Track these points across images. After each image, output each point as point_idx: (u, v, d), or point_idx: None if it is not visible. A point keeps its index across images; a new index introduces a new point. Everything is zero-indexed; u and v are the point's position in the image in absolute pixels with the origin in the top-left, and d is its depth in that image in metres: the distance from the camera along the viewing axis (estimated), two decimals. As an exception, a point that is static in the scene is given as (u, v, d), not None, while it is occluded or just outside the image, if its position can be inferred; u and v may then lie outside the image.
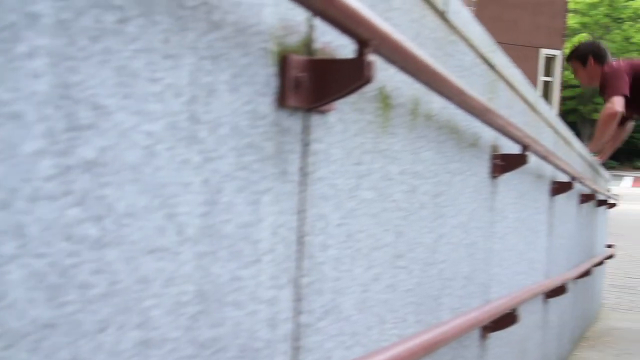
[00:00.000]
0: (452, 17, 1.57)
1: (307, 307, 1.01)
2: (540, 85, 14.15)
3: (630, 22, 34.06)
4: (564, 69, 14.64)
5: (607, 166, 29.77)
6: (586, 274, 4.47)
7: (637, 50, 33.89)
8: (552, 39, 13.89)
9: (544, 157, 2.49)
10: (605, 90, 4.64)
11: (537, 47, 14.07)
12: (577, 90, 34.24)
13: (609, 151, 5.37)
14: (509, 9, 13.29)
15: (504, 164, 2.09)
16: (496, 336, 2.23)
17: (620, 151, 38.48)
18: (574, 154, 3.96)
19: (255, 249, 0.87)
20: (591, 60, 4.80)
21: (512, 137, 1.95)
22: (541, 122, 2.86)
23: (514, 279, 2.51)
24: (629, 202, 20.01)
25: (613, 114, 4.54)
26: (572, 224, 4.07)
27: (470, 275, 1.91)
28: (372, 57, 0.94)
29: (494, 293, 2.20)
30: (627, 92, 4.54)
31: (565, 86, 33.56)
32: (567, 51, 5.38)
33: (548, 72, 14.25)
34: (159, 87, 0.68)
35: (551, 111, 3.05)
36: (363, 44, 0.92)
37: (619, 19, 34.55)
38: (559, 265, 3.63)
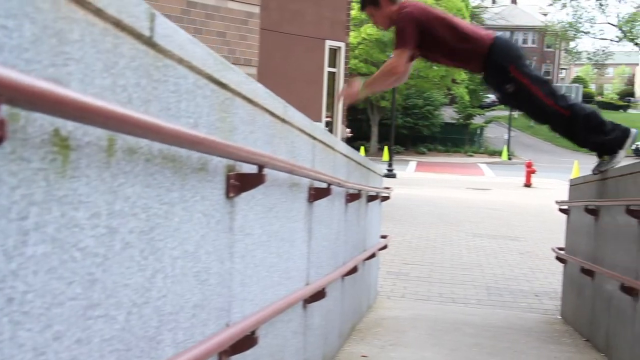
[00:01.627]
0: (161, 41, 1.48)
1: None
2: (325, 76, 14.57)
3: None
4: (348, 59, 15.18)
5: (394, 151, 31.21)
6: (354, 271, 4.63)
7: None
8: (336, 31, 14.33)
9: (289, 171, 2.49)
10: (395, 37, 4.64)
11: (323, 39, 14.44)
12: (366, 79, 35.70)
13: (376, 89, 5.28)
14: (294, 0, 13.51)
15: (240, 184, 2.05)
16: (240, 356, 2.19)
17: (406, 137, 41.05)
18: (338, 156, 4.05)
19: None
20: (384, 1, 4.69)
21: (243, 159, 1.91)
22: (294, 131, 2.86)
23: (263, 294, 2.49)
24: (412, 187, 21.27)
25: (391, 71, 4.59)
26: (338, 225, 4.17)
27: (201, 303, 1.85)
28: (3, 114, 0.83)
29: (236, 314, 2.17)
30: (411, 44, 4.56)
31: (351, 76, 34.93)
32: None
33: (333, 63, 14.72)
34: None
35: (306, 119, 3.08)
36: (-13, 100, 0.81)
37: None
38: (323, 267, 3.71)
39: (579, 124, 4.54)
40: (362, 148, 33.50)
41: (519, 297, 7.48)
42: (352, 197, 4.56)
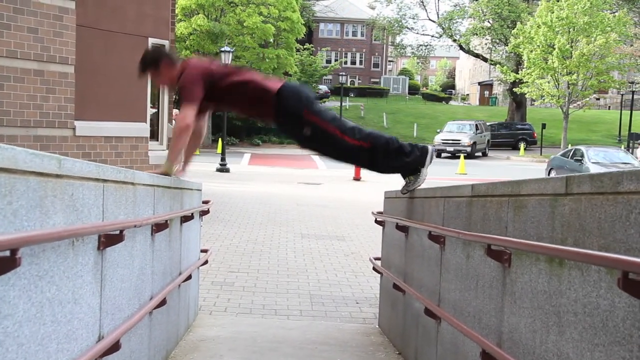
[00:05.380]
0: None
1: None
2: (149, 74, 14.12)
3: (243, 7, 35.89)
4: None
5: (229, 143, 31.12)
6: (164, 303, 4.44)
7: (249, 33, 35.89)
8: (159, 29, 13.94)
9: (56, 239, 2.27)
10: (180, 95, 4.64)
11: (145, 37, 14.00)
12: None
13: (189, 158, 5.28)
14: (114, -5, 12.96)
15: (-11, 271, 1.82)
16: None
17: (240, 129, 40.88)
18: (139, 188, 3.83)
19: None
20: (163, 63, 4.74)
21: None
22: (75, 182, 2.64)
23: (34, 371, 2.26)
24: (245, 183, 21.17)
25: (184, 128, 4.54)
26: (143, 260, 3.96)
27: None
28: None
29: (-8, 410, 1.94)
30: (197, 99, 4.58)
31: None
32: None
33: (158, 61, 14.26)
34: None
35: (91, 164, 2.85)
36: None
37: (233, 2, 36.21)
38: (123, 311, 3.50)
39: (380, 152, 4.63)
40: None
41: (340, 305, 7.58)
42: (160, 226, 4.36)
